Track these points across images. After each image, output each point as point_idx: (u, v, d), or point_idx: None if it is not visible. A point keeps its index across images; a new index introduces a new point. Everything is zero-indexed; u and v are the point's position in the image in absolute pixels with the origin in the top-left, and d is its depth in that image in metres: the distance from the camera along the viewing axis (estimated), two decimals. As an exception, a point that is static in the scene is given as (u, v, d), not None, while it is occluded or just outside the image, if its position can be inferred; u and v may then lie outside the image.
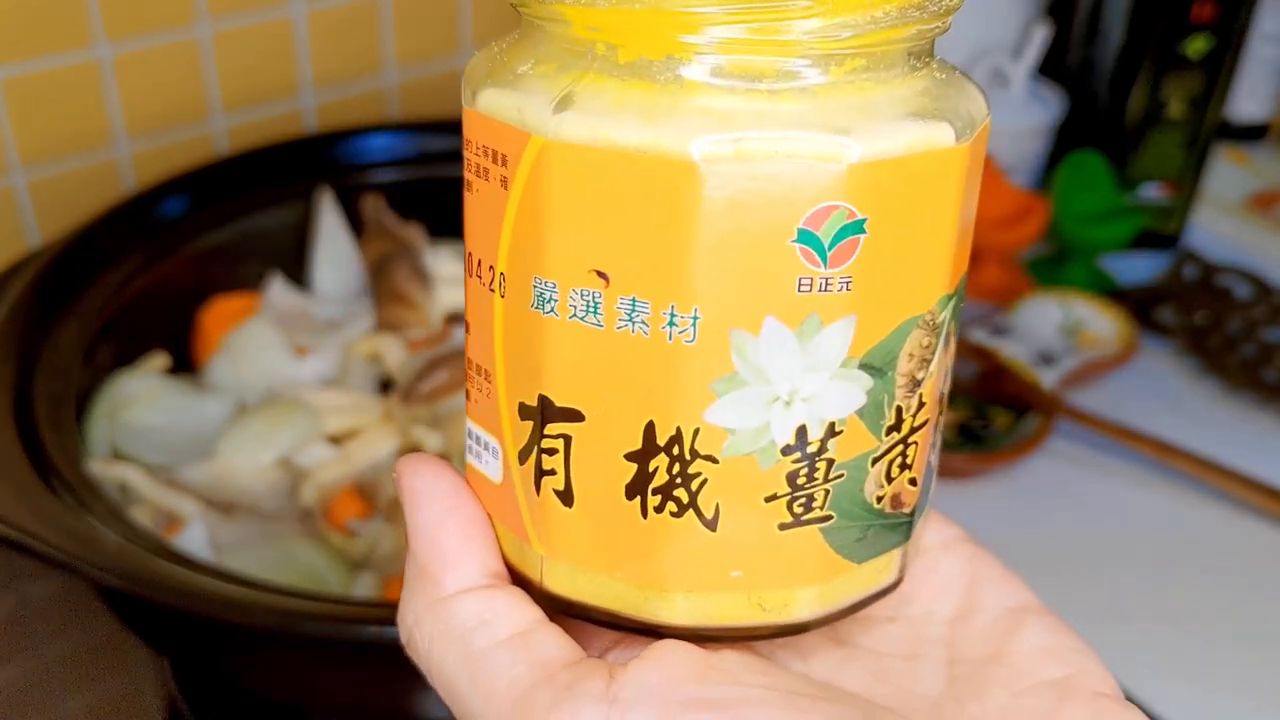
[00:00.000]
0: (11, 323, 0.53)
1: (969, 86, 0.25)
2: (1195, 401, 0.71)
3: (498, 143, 0.23)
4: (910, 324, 0.24)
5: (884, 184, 0.22)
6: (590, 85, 0.23)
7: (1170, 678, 0.54)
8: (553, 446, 0.24)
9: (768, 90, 0.22)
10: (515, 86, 0.24)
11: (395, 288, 0.63)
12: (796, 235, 0.22)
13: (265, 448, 0.55)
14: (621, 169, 0.22)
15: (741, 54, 0.22)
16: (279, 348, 0.61)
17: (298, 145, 0.69)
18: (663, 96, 0.22)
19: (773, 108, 0.22)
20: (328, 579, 0.51)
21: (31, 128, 0.67)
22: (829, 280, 0.22)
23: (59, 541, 0.42)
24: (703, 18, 0.22)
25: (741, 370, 0.23)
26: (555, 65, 0.23)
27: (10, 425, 0.48)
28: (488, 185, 0.24)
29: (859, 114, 0.22)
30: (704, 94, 0.22)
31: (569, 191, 0.22)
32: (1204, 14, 0.76)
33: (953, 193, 0.23)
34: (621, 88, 0.22)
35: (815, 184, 0.22)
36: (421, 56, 0.81)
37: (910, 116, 0.23)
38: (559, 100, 0.22)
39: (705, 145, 0.21)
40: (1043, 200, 0.79)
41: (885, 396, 0.24)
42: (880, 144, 0.22)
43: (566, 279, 0.23)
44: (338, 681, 0.46)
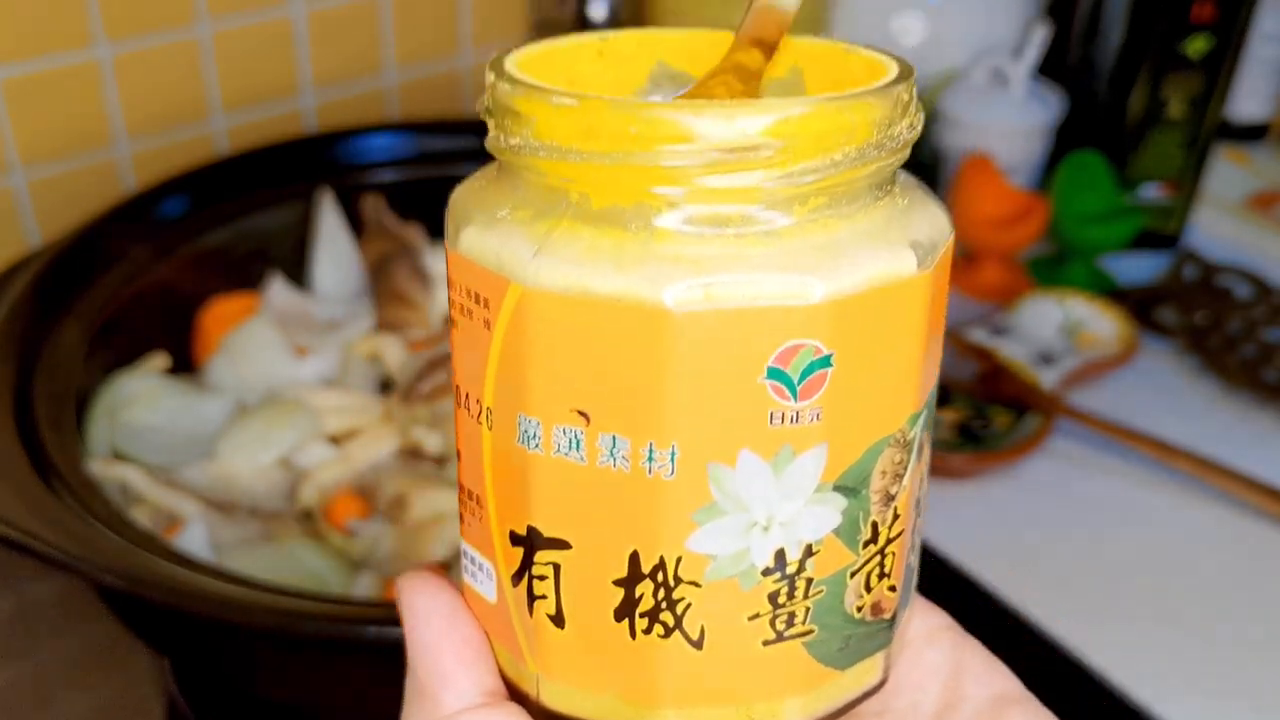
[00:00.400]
0: (12, 323, 0.53)
1: (931, 206, 0.26)
2: (1195, 401, 0.71)
3: (479, 286, 0.24)
4: (882, 444, 0.25)
5: (849, 319, 0.23)
6: (565, 233, 0.24)
7: (1170, 678, 0.54)
8: (543, 573, 0.25)
9: (735, 235, 0.23)
10: (495, 231, 0.24)
11: (395, 288, 0.63)
12: (766, 373, 0.23)
13: (265, 448, 0.55)
14: (597, 315, 0.23)
15: (708, 203, 0.23)
16: (279, 348, 0.61)
17: (298, 145, 0.69)
18: (634, 244, 0.23)
19: (740, 251, 0.23)
20: (328, 579, 0.51)
21: (31, 128, 0.67)
22: (799, 413, 0.24)
23: (59, 542, 0.42)
24: (669, 172, 0.23)
25: (720, 500, 0.24)
26: (532, 210, 0.24)
27: (10, 425, 0.48)
28: (472, 324, 0.25)
29: (822, 253, 0.23)
30: (674, 241, 0.23)
31: (548, 336, 0.23)
32: (1204, 14, 0.76)
33: (917, 319, 0.25)
34: (595, 235, 0.23)
35: (782, 324, 0.23)
36: (421, 56, 0.81)
37: (872, 250, 0.24)
38: (535, 249, 0.23)
39: (676, 292, 0.23)
40: (1043, 200, 0.79)
41: (860, 514, 0.25)
42: (843, 281, 0.23)
43: (549, 417, 0.24)
44: (338, 681, 0.46)
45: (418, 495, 0.53)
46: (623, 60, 0.29)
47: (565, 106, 0.23)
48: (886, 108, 0.24)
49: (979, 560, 0.59)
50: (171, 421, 0.57)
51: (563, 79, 0.28)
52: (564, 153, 0.23)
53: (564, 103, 0.23)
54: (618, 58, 0.29)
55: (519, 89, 0.24)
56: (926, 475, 0.28)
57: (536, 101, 0.24)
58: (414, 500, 0.53)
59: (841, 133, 0.23)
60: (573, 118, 0.23)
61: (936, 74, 0.84)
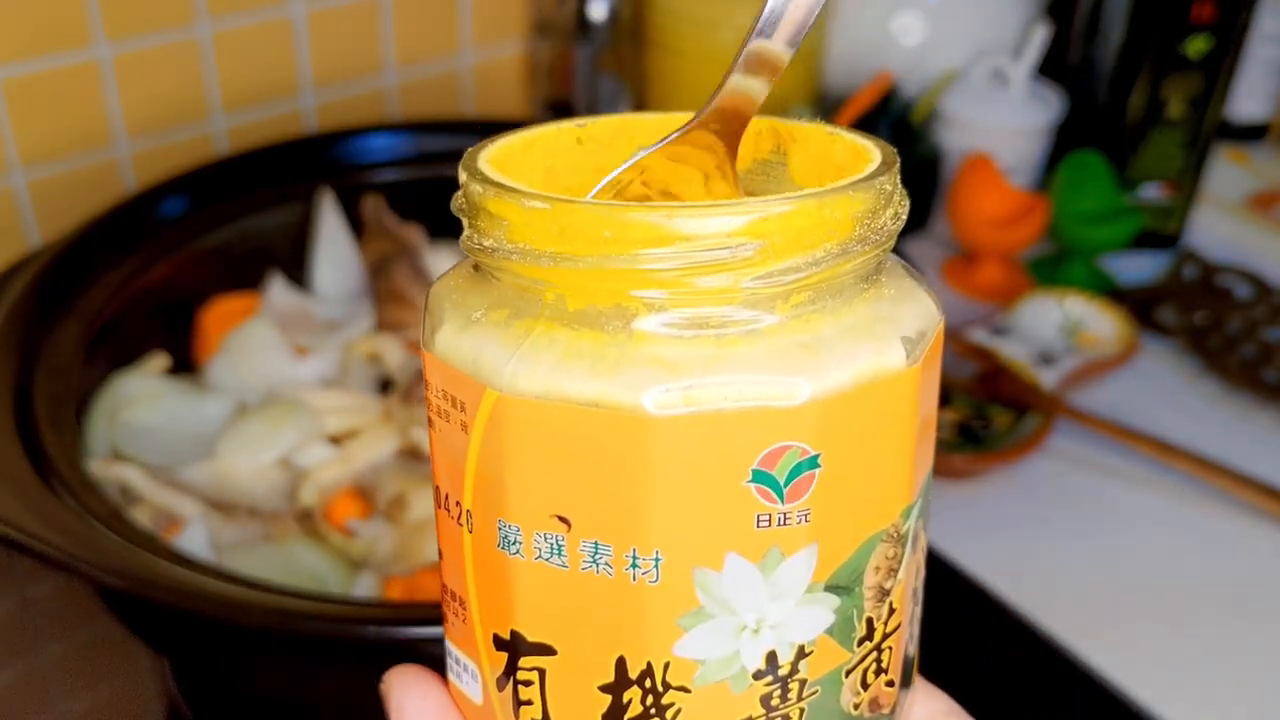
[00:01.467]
0: (12, 323, 0.53)
1: (919, 293, 0.25)
2: (1195, 401, 0.71)
3: (456, 389, 0.24)
4: (874, 540, 0.24)
5: (836, 418, 0.23)
6: (541, 335, 0.23)
7: (1170, 678, 0.54)
8: (528, 678, 0.25)
9: (715, 335, 0.22)
10: (470, 333, 0.24)
11: (395, 288, 0.63)
12: (751, 476, 0.23)
13: (265, 448, 0.55)
14: (575, 421, 0.22)
15: (687, 306, 0.22)
16: (279, 348, 0.61)
17: (298, 145, 0.69)
18: (611, 347, 0.22)
19: (721, 352, 0.22)
20: (327, 579, 0.51)
21: (31, 128, 0.67)
22: (787, 515, 0.23)
23: (59, 542, 0.42)
24: (646, 275, 0.22)
25: (707, 604, 0.23)
26: (508, 311, 0.24)
27: (10, 425, 0.48)
28: (449, 427, 0.25)
29: (806, 351, 0.23)
30: (652, 343, 0.22)
31: (525, 442, 0.23)
32: (1204, 14, 0.76)
33: (907, 413, 0.24)
34: (572, 338, 0.23)
35: (766, 426, 0.22)
36: (421, 56, 0.81)
37: (859, 346, 0.23)
38: (511, 354, 0.23)
39: (656, 396, 0.22)
40: (1043, 200, 0.79)
41: (854, 611, 0.24)
42: (829, 380, 0.22)
43: (529, 523, 0.23)
44: (338, 681, 0.46)
45: (417, 495, 0.53)
46: (601, 146, 0.28)
47: (537, 210, 0.23)
48: (869, 200, 0.23)
49: (978, 560, 0.59)
50: (171, 421, 0.57)
51: (540, 169, 0.27)
52: (538, 256, 0.23)
53: (536, 205, 0.23)
54: (596, 144, 0.28)
55: (490, 189, 0.23)
56: (923, 563, 0.27)
57: (508, 203, 0.23)
58: (414, 500, 0.53)
59: (823, 229, 0.23)
60: (546, 221, 0.22)
61: (936, 74, 0.84)
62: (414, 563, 0.51)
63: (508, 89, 0.87)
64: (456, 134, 0.71)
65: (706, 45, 0.81)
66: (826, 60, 0.87)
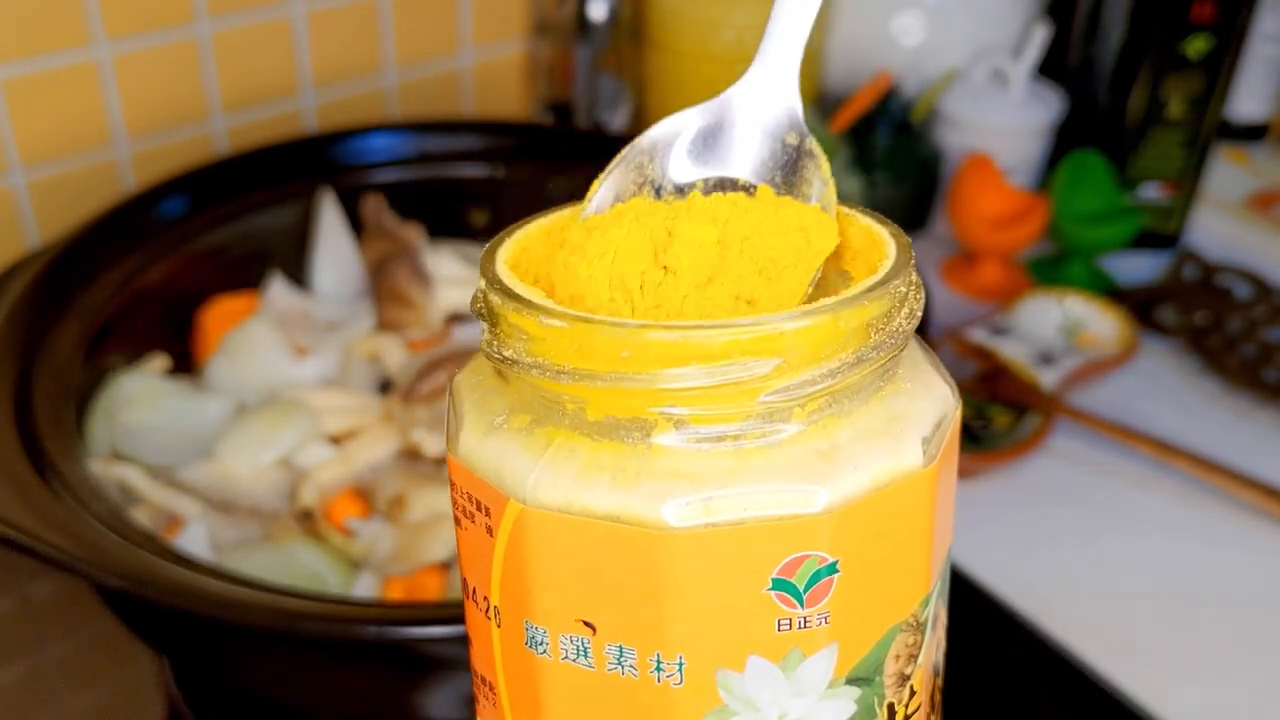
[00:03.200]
0: (12, 323, 0.53)
1: (933, 380, 0.25)
2: (1195, 401, 0.71)
3: (480, 494, 0.24)
4: (894, 632, 0.25)
5: (854, 525, 0.23)
6: (562, 446, 0.23)
7: (1170, 678, 0.54)
8: None
9: (733, 449, 0.23)
10: (493, 440, 0.24)
11: (395, 288, 0.63)
12: (771, 584, 0.23)
13: (265, 448, 0.55)
14: (598, 533, 0.23)
15: (705, 423, 0.23)
16: (279, 348, 0.61)
17: (298, 145, 0.69)
18: (631, 459, 0.23)
19: (739, 464, 0.23)
20: (327, 579, 0.51)
21: (31, 128, 0.67)
22: (807, 619, 0.23)
23: (59, 542, 0.42)
24: (664, 394, 0.22)
25: (730, 703, 0.24)
26: (529, 417, 0.24)
27: (10, 425, 0.48)
28: (474, 528, 0.25)
29: (823, 459, 0.23)
30: (671, 456, 0.23)
31: (549, 552, 0.23)
32: (1204, 14, 0.76)
33: (925, 511, 0.24)
34: (593, 449, 0.23)
35: (785, 537, 0.23)
36: (421, 56, 0.81)
37: (876, 449, 0.23)
38: (533, 467, 0.23)
39: (676, 509, 0.22)
40: (1043, 200, 0.79)
41: (875, 699, 0.25)
42: (846, 486, 0.23)
43: (556, 626, 0.24)
44: (338, 681, 0.46)
45: (417, 495, 0.53)
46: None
47: (555, 328, 0.23)
48: (885, 305, 0.24)
49: (978, 560, 0.59)
50: (171, 422, 0.57)
51: (553, 259, 0.27)
52: (557, 373, 0.23)
53: (554, 324, 0.23)
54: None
55: (509, 303, 0.24)
56: (944, 637, 0.28)
57: (527, 319, 0.23)
58: (414, 500, 0.53)
59: (839, 340, 0.23)
60: (564, 338, 0.23)
61: (936, 74, 0.84)
62: (414, 563, 0.51)
63: (508, 89, 0.87)
64: (456, 134, 0.71)
65: (706, 45, 0.81)
66: (826, 60, 0.87)
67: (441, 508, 0.53)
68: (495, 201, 0.70)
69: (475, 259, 0.68)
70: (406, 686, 0.43)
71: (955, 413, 0.25)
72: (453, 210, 0.70)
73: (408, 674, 0.43)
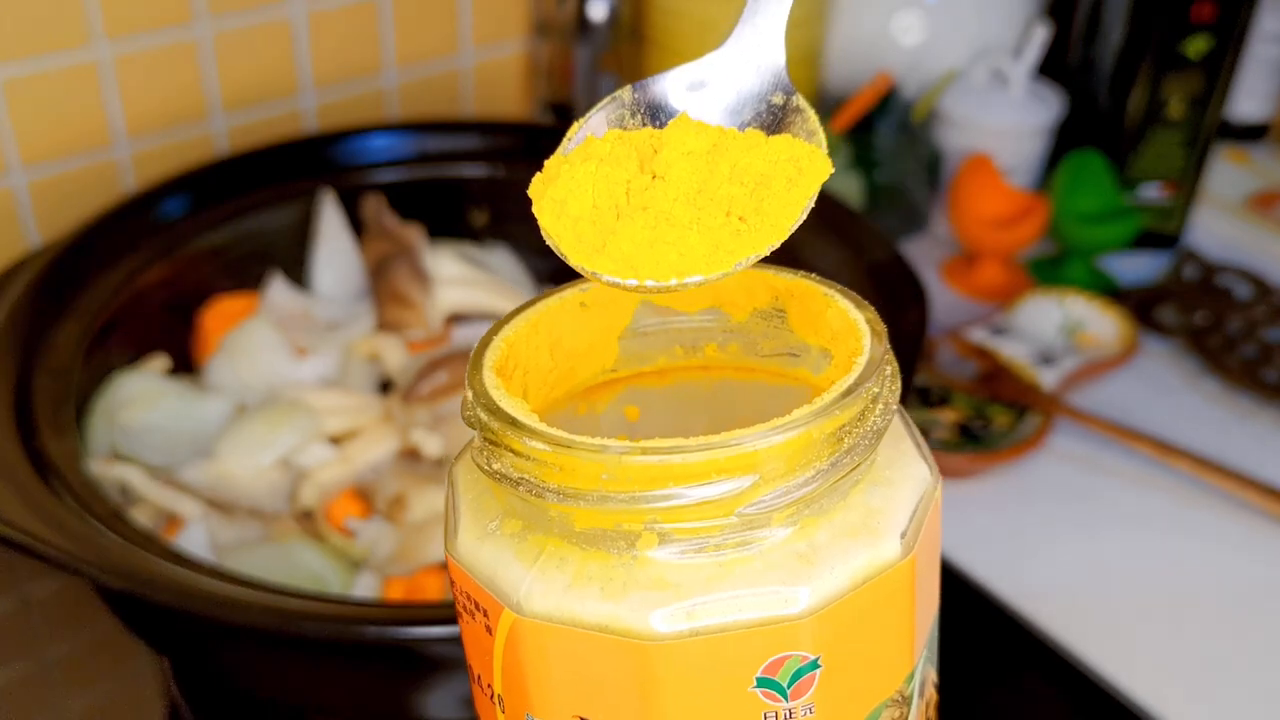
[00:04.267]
0: (12, 323, 0.53)
1: (910, 458, 0.26)
2: (1195, 401, 0.71)
3: (477, 596, 0.26)
4: (879, 709, 0.25)
5: (835, 622, 0.24)
6: (553, 556, 0.24)
7: (1170, 677, 0.54)
8: None
9: (714, 559, 0.24)
10: (487, 545, 0.25)
11: (395, 288, 0.63)
12: (755, 683, 0.24)
13: (265, 448, 0.55)
14: (588, 641, 0.24)
15: (687, 535, 0.24)
16: (279, 348, 0.61)
17: (298, 145, 0.69)
18: (618, 569, 0.24)
19: (721, 572, 0.24)
20: (327, 579, 0.51)
21: (32, 128, 0.67)
22: (792, 711, 0.24)
23: (59, 542, 0.42)
24: (644, 512, 0.23)
25: None
26: (520, 523, 0.25)
27: (10, 426, 0.48)
28: (474, 624, 0.26)
29: (802, 561, 0.24)
30: (656, 567, 0.24)
31: (544, 656, 0.25)
32: (1204, 14, 0.76)
33: (905, 599, 0.25)
34: (581, 559, 0.24)
35: (768, 640, 0.24)
36: (421, 56, 0.81)
37: (854, 546, 0.24)
38: (524, 577, 0.24)
39: (661, 617, 0.23)
40: (1043, 200, 0.79)
41: None
42: (826, 587, 0.24)
43: (554, 719, 0.25)
44: (338, 681, 0.46)
45: (417, 496, 0.53)
46: (607, 307, 0.29)
47: (538, 451, 0.24)
48: (858, 409, 0.24)
49: (978, 559, 0.59)
50: (171, 422, 0.57)
51: (546, 346, 0.28)
52: (542, 490, 0.24)
53: (537, 447, 0.24)
54: (601, 306, 0.29)
55: (494, 420, 0.24)
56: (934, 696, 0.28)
57: (512, 440, 0.24)
58: (413, 501, 0.53)
59: (813, 450, 0.24)
60: (547, 459, 0.24)
61: (936, 74, 0.84)
62: (414, 563, 0.51)
63: (508, 89, 0.87)
64: (456, 134, 0.71)
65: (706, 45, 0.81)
66: (826, 60, 0.87)
67: (441, 508, 0.53)
68: (495, 201, 0.70)
69: (475, 259, 0.68)
70: (406, 686, 0.44)
71: (935, 492, 0.26)
72: (453, 210, 0.70)
73: (407, 674, 0.43)
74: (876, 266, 0.57)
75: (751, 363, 0.30)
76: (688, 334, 0.30)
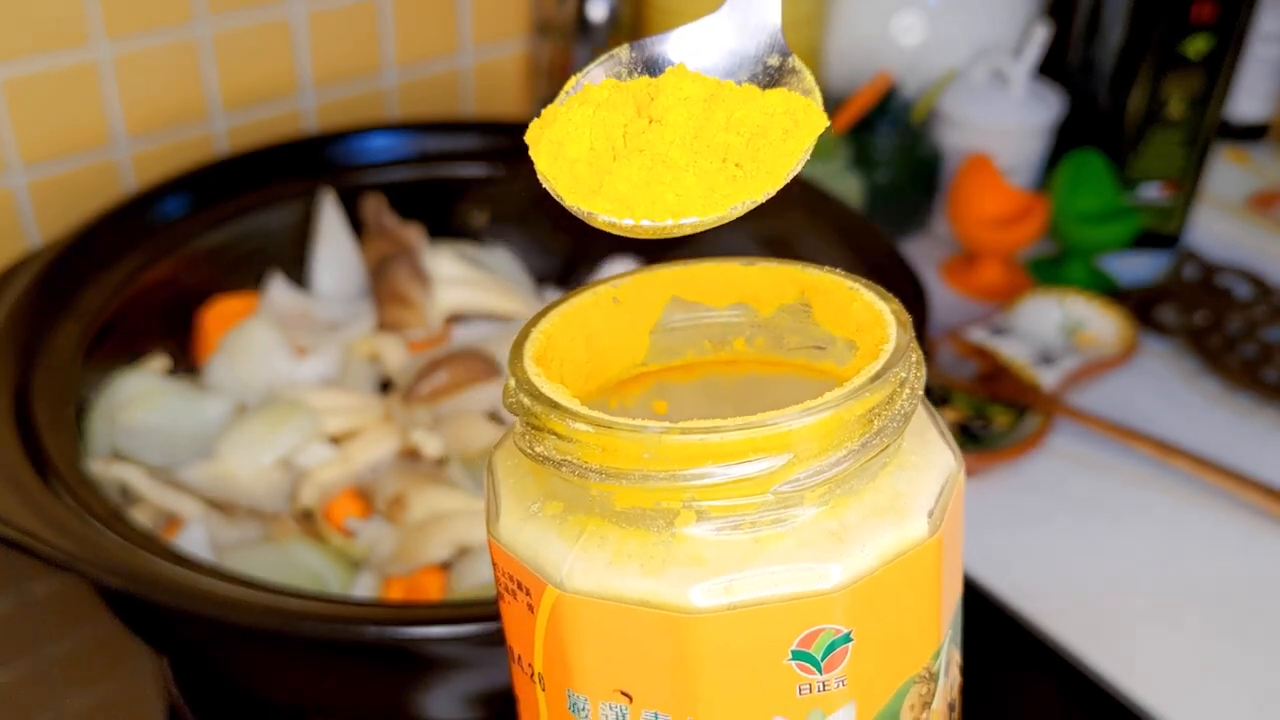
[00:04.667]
0: (12, 323, 0.53)
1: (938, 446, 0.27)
2: (1195, 401, 0.71)
3: (519, 576, 0.26)
4: (908, 685, 0.26)
5: (866, 597, 0.25)
6: (594, 535, 0.25)
7: (1170, 677, 0.54)
8: None
9: (751, 535, 0.25)
10: (529, 527, 0.26)
11: (395, 288, 0.63)
12: (791, 655, 0.25)
13: (265, 448, 0.55)
14: (629, 617, 0.25)
15: (723, 513, 0.25)
16: (279, 348, 0.61)
17: (298, 145, 0.69)
18: (658, 546, 0.25)
19: (757, 548, 0.25)
20: (327, 579, 0.51)
21: (32, 128, 0.67)
22: (825, 683, 0.25)
23: (59, 541, 0.42)
24: (684, 489, 0.24)
25: None
26: (562, 504, 0.26)
27: (10, 425, 0.48)
28: (516, 604, 0.27)
29: (834, 539, 0.25)
30: (694, 544, 0.25)
31: (586, 631, 0.25)
32: (1204, 14, 0.76)
33: (932, 575, 0.26)
34: (621, 536, 0.25)
35: (802, 613, 0.24)
36: (421, 56, 0.81)
37: (883, 525, 0.25)
38: (567, 555, 0.25)
39: (700, 593, 0.24)
40: (1043, 200, 0.79)
41: None
42: (857, 563, 0.24)
43: (595, 695, 0.26)
44: (338, 681, 0.46)
45: (417, 495, 0.53)
46: (638, 302, 0.30)
47: (581, 432, 0.25)
48: (886, 392, 0.25)
49: (978, 560, 0.59)
50: (171, 422, 0.57)
51: (581, 339, 0.29)
52: (585, 470, 0.25)
53: (580, 428, 0.25)
54: (633, 302, 0.30)
55: (538, 405, 0.25)
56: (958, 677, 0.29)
57: (555, 422, 0.25)
58: (413, 500, 0.53)
59: (844, 431, 0.25)
60: (590, 440, 0.25)
61: (936, 74, 0.84)
62: (414, 563, 0.51)
63: (508, 89, 0.87)
64: (456, 134, 0.71)
65: (706, 45, 0.81)
66: (826, 60, 0.87)
67: (441, 507, 0.53)
68: (495, 201, 0.70)
69: (475, 259, 0.68)
70: (406, 686, 0.44)
71: (958, 474, 0.27)
72: (453, 210, 0.70)
73: (408, 674, 0.43)
74: (876, 266, 0.57)
75: (778, 357, 0.31)
76: (716, 329, 0.31)
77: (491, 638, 0.39)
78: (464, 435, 0.56)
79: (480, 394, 0.58)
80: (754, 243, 0.60)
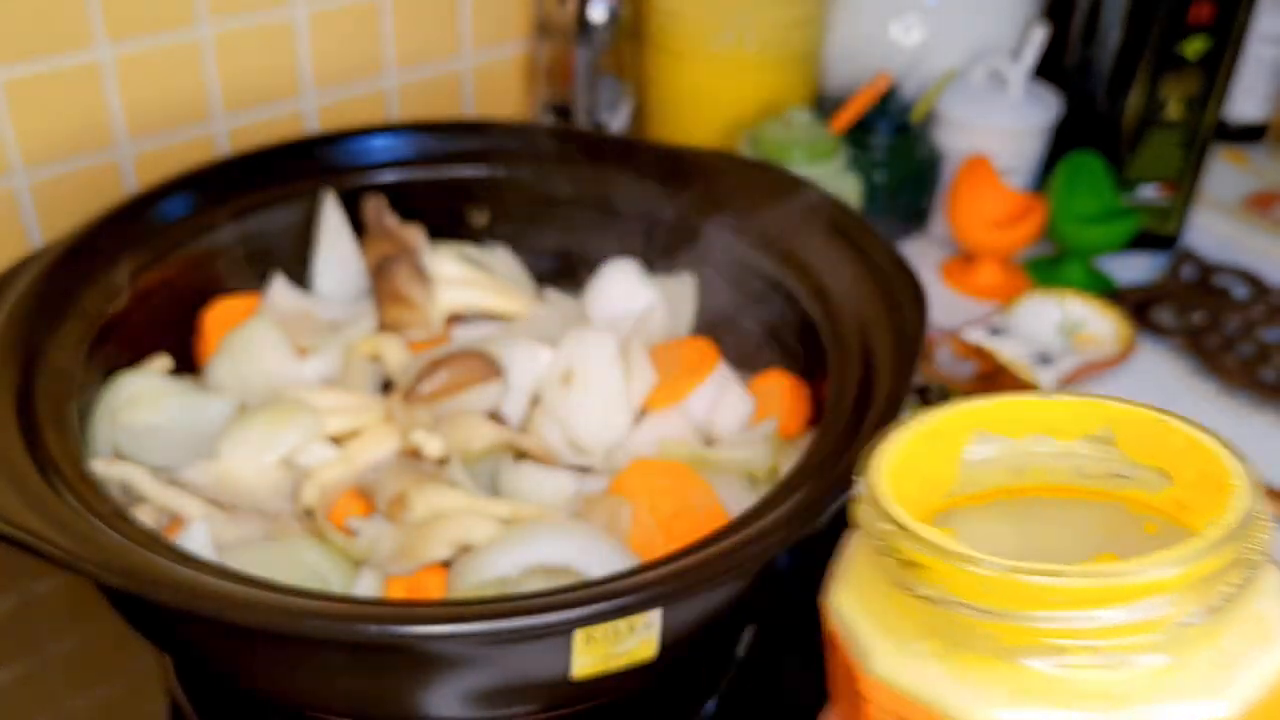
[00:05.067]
0: (13, 323, 0.53)
1: None
2: (1193, 401, 0.71)
3: (909, 712, 0.27)
4: None
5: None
6: (987, 672, 0.26)
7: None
8: None
9: (1143, 672, 0.26)
10: (914, 666, 0.27)
11: (396, 289, 0.64)
12: None
13: (267, 448, 0.55)
14: None
15: (1105, 653, 0.26)
16: (280, 348, 0.61)
17: (299, 146, 0.69)
18: (1042, 682, 0.26)
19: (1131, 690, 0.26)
20: (329, 578, 0.51)
21: (33, 128, 0.67)
22: None
23: (62, 541, 0.42)
24: (1078, 632, 0.26)
25: None
26: (942, 642, 0.27)
27: (13, 425, 0.48)
28: None
29: (1214, 667, 0.26)
30: (1082, 682, 0.26)
31: None
32: (1202, 14, 0.77)
33: None
34: (1012, 673, 0.26)
35: None
36: (422, 57, 0.81)
37: (1259, 645, 0.26)
38: (962, 692, 0.26)
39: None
40: (1041, 201, 0.79)
41: None
42: (1242, 696, 0.26)
43: None
44: (339, 680, 0.46)
45: (418, 495, 0.53)
46: (948, 435, 0.32)
47: (978, 574, 0.26)
48: (1260, 531, 0.27)
49: (977, 559, 0.59)
50: (173, 421, 0.57)
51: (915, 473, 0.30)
52: (985, 612, 0.26)
53: (979, 570, 0.26)
54: (944, 435, 0.32)
55: (923, 547, 0.26)
56: None
57: (943, 565, 0.26)
58: (415, 500, 0.53)
59: (1220, 574, 0.26)
60: (985, 586, 0.25)
61: (935, 74, 0.84)
62: (415, 562, 0.51)
63: (508, 90, 0.87)
64: (457, 135, 0.71)
65: (706, 46, 0.81)
66: (826, 60, 0.87)
67: (442, 507, 0.53)
68: (495, 202, 0.70)
69: (475, 259, 0.68)
70: (408, 685, 0.44)
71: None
72: (453, 211, 0.70)
73: (409, 673, 0.43)
74: (876, 266, 0.58)
75: (1074, 484, 0.32)
76: (1018, 458, 0.33)
77: (492, 637, 0.40)
78: (464, 435, 0.56)
79: (480, 394, 0.58)
80: (755, 243, 0.60)
